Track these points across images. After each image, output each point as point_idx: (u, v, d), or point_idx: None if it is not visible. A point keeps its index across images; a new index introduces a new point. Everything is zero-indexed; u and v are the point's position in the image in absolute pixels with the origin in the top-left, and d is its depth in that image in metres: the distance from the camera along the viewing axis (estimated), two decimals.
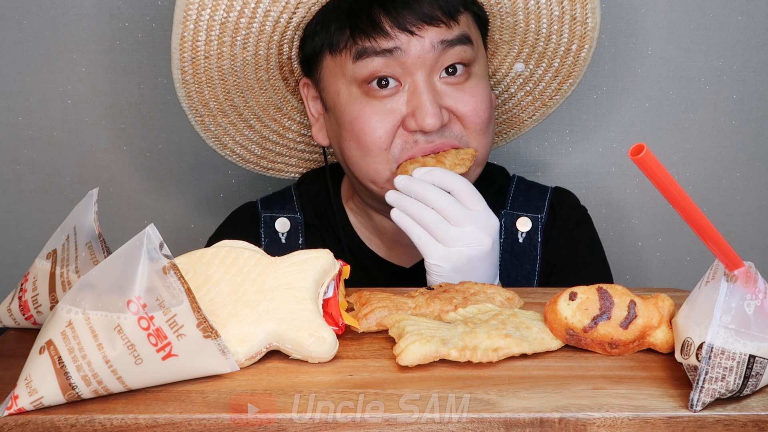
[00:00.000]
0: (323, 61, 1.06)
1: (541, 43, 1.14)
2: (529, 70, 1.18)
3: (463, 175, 1.02)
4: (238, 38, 1.05)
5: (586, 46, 1.14)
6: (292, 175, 1.26)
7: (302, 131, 1.21)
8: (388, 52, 1.00)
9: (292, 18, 1.05)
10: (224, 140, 1.18)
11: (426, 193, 0.96)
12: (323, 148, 1.17)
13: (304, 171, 1.26)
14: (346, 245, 1.16)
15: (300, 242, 1.16)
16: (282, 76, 1.13)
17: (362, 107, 1.03)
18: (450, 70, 1.03)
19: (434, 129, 1.01)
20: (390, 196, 0.98)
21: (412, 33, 1.00)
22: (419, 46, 1.01)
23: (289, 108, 1.18)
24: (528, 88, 1.20)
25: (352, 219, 1.18)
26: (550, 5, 1.10)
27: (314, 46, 1.06)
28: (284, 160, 1.24)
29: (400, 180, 0.98)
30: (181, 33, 1.04)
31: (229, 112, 1.14)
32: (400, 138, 1.03)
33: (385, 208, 1.13)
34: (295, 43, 1.09)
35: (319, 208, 1.18)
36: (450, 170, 0.99)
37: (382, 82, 1.02)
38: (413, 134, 1.02)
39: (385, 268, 1.16)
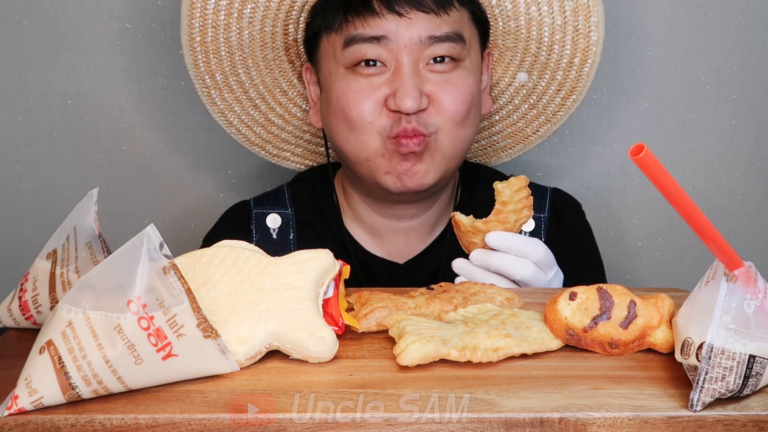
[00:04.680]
0: (321, 42, 1.09)
1: (543, 53, 1.14)
2: (532, 81, 1.18)
3: (437, 178, 1.05)
4: (245, 11, 1.10)
5: (589, 61, 1.14)
6: (298, 165, 1.27)
7: (308, 119, 1.22)
8: (376, 39, 1.03)
9: None
10: (230, 117, 1.20)
11: (506, 266, 0.94)
12: (323, 132, 1.18)
13: (311, 163, 1.27)
14: (340, 242, 1.16)
15: (291, 238, 1.17)
16: (288, 59, 1.17)
17: (348, 83, 1.05)
18: (438, 59, 1.05)
19: (411, 111, 1.01)
20: (457, 264, 0.96)
21: (400, 15, 1.02)
22: (407, 36, 1.02)
23: (295, 93, 1.20)
24: (532, 101, 1.20)
25: (346, 215, 1.18)
26: (552, 14, 1.10)
27: (314, 28, 1.10)
28: (290, 148, 1.25)
29: (476, 255, 0.95)
30: (190, 0, 1.10)
31: (235, 88, 1.17)
32: (386, 116, 1.04)
33: (380, 203, 1.13)
34: (300, 25, 1.13)
35: (314, 203, 1.19)
36: (517, 221, 0.95)
37: (370, 62, 1.04)
38: (396, 113, 1.03)
39: (380, 265, 1.16)
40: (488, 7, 1.11)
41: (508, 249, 0.94)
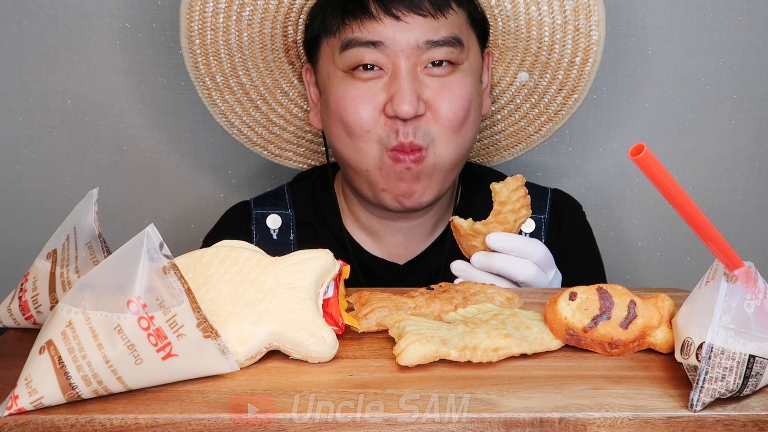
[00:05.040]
0: (320, 45, 1.09)
1: (544, 53, 1.14)
2: (533, 80, 1.18)
3: (437, 187, 1.05)
4: (244, 14, 1.10)
5: (590, 60, 1.13)
6: (301, 165, 1.27)
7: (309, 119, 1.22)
8: (372, 44, 1.02)
9: (295, 0, 1.09)
10: (231, 118, 1.21)
11: (508, 267, 0.94)
12: (323, 133, 1.18)
13: (314, 162, 1.27)
14: (340, 243, 1.16)
15: (291, 238, 1.17)
16: (288, 60, 1.17)
17: (347, 88, 1.04)
18: (436, 63, 1.04)
19: (408, 116, 1.01)
20: (456, 266, 0.96)
21: (397, 18, 1.02)
22: (404, 41, 1.02)
23: (296, 94, 1.20)
24: (533, 100, 1.20)
25: (346, 216, 1.18)
26: (552, 13, 1.10)
27: (313, 30, 1.10)
28: (292, 148, 1.25)
29: (477, 257, 0.95)
30: (189, 3, 1.10)
31: (236, 90, 1.18)
32: (383, 124, 1.03)
33: (377, 207, 1.13)
34: (300, 27, 1.13)
35: (314, 204, 1.19)
36: (516, 221, 0.94)
37: (367, 66, 1.04)
38: (394, 121, 1.03)
39: (380, 266, 1.16)
40: (487, 7, 1.11)
41: (509, 250, 0.94)
